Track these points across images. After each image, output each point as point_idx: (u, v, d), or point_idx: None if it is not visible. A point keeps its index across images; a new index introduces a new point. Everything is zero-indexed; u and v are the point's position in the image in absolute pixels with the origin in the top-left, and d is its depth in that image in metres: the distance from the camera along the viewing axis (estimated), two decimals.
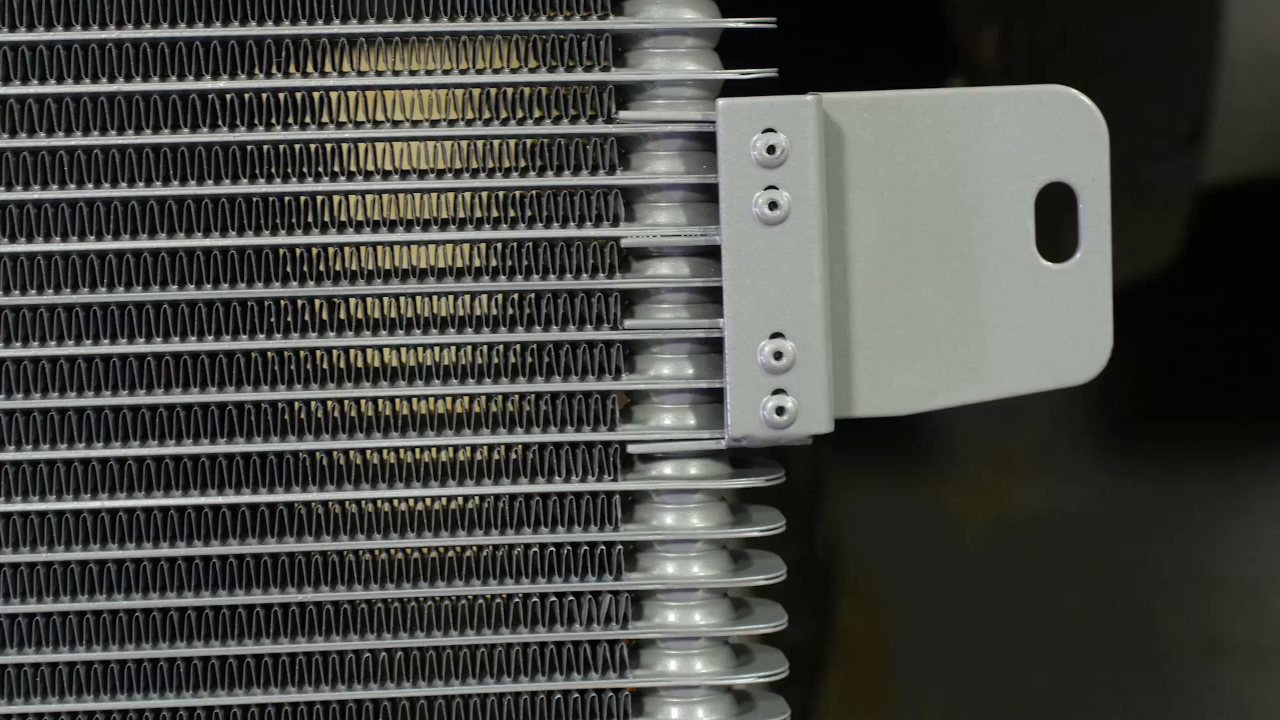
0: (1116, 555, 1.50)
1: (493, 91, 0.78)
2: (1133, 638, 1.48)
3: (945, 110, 0.80)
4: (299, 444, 0.78)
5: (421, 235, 0.78)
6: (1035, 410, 1.55)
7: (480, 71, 0.78)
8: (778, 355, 0.78)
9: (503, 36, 0.78)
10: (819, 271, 0.78)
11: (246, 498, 0.78)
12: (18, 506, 0.78)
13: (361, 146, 0.79)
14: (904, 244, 0.80)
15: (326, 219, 0.80)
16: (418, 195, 0.79)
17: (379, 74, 0.79)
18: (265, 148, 0.78)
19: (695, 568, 0.80)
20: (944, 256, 0.80)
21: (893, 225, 0.80)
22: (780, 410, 0.78)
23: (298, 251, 0.79)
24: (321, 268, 0.79)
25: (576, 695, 0.80)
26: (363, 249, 0.79)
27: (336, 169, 0.79)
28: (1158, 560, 1.51)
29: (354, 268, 0.79)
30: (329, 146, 0.79)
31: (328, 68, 0.79)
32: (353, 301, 0.79)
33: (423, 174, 0.79)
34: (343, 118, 0.79)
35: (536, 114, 0.78)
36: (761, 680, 0.81)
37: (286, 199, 0.79)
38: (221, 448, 0.78)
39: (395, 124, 0.79)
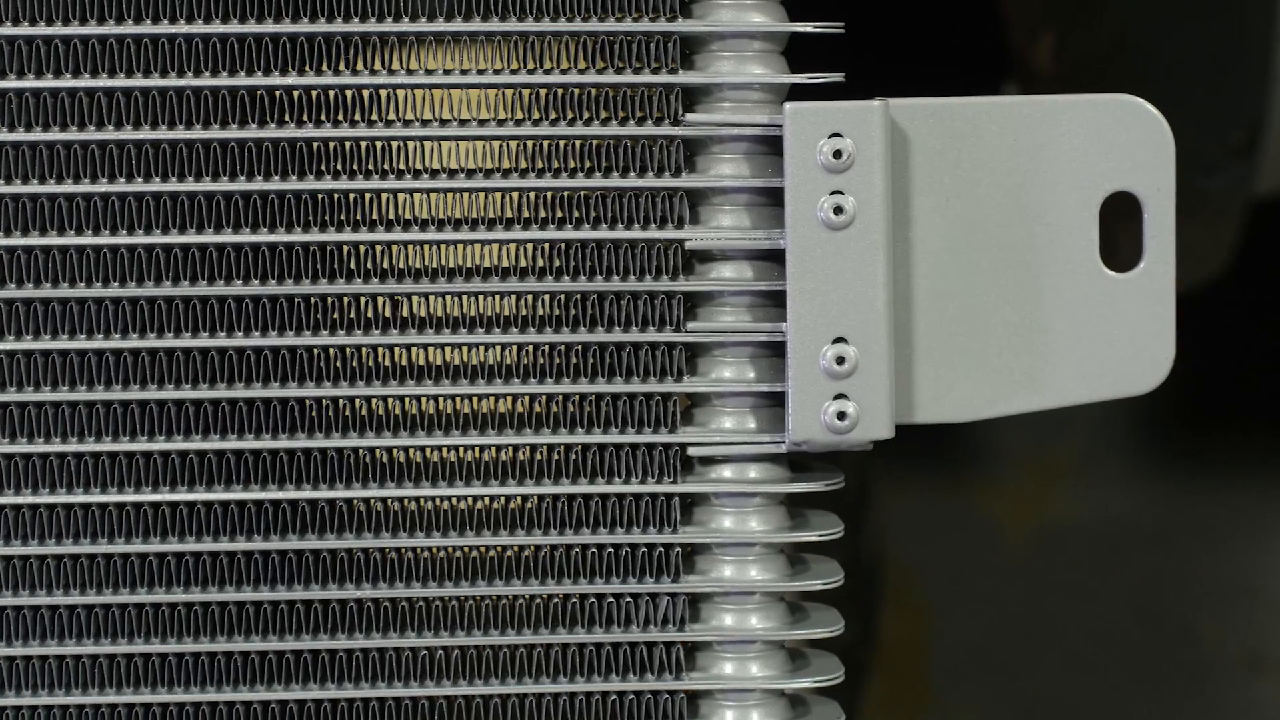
0: (1158, 565, 1.50)
1: (559, 92, 0.78)
2: (1173, 648, 1.47)
3: (1011, 117, 0.80)
4: (358, 440, 0.78)
5: (485, 235, 0.78)
6: (1080, 418, 1.55)
7: (548, 71, 0.78)
8: (840, 360, 0.78)
9: (571, 37, 0.78)
10: (883, 277, 0.78)
11: (306, 494, 0.78)
12: (78, 498, 0.78)
13: (428, 145, 0.79)
14: (967, 250, 0.80)
15: (391, 216, 0.80)
16: (482, 194, 0.79)
17: (446, 72, 0.78)
18: (332, 145, 0.78)
19: (752, 571, 0.80)
20: (1007, 264, 0.80)
21: (957, 232, 0.80)
22: (841, 415, 0.78)
23: (361, 249, 0.79)
24: (385, 265, 0.80)
25: (632, 697, 0.80)
26: (426, 247, 0.79)
27: (402, 166, 0.79)
28: (1199, 571, 1.50)
29: (417, 265, 0.80)
30: (394, 144, 0.79)
31: (395, 65, 0.79)
32: (415, 299, 0.79)
33: (488, 173, 0.79)
34: (408, 115, 0.79)
35: (603, 115, 0.78)
36: (817, 685, 0.81)
37: (352, 196, 0.79)
38: (282, 443, 0.78)
39: (462, 123, 0.79)
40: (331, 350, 0.79)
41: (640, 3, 0.78)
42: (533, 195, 0.79)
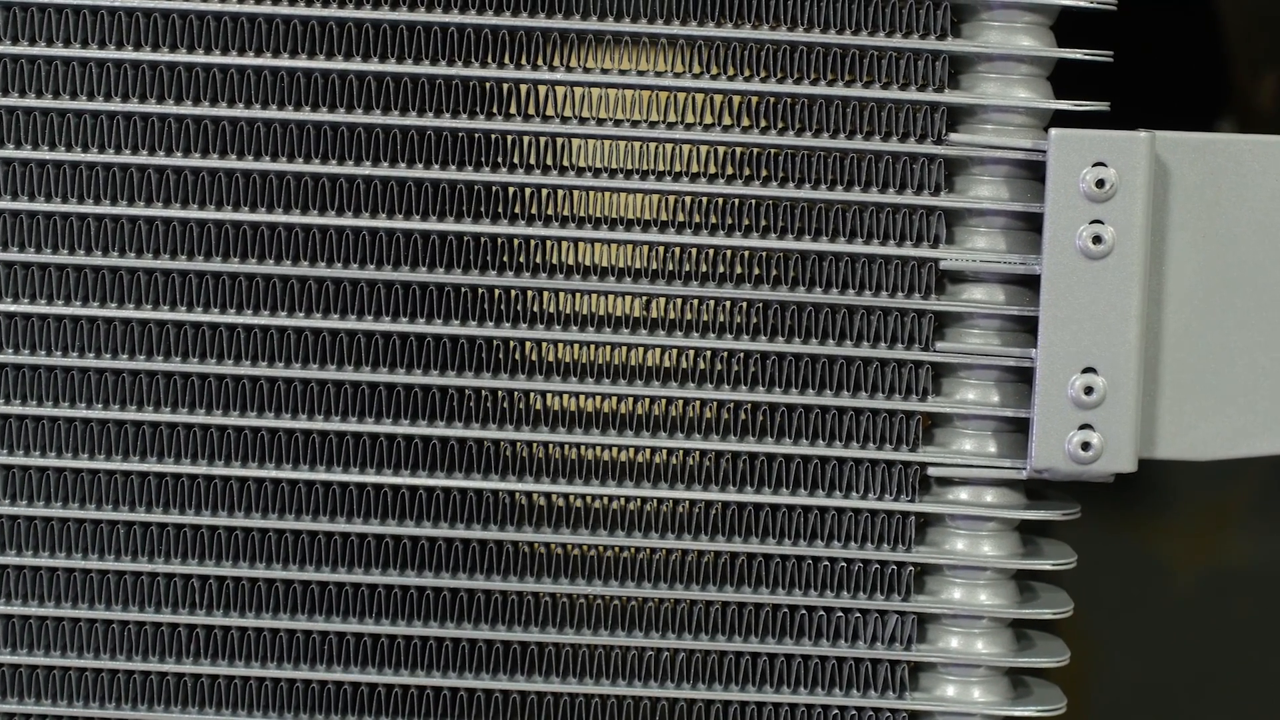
0: None
1: (809, 103, 0.78)
2: None
3: (1277, 157, 0.79)
4: (597, 438, 0.79)
5: (741, 241, 0.78)
6: (1255, 459, 1.52)
7: (814, 82, 0.78)
8: (1088, 390, 0.77)
9: (841, 50, 0.78)
10: (1137, 309, 0.77)
11: (562, 487, 0.79)
12: (236, 471, 0.79)
13: (685, 148, 0.79)
14: (1220, 288, 0.79)
15: (648, 216, 0.80)
16: (737, 200, 0.79)
17: (712, 77, 0.79)
18: (559, 141, 0.79)
19: (982, 595, 0.80)
20: (1260, 304, 0.79)
21: (1211, 268, 0.79)
22: (1086, 445, 0.77)
23: (613, 248, 0.79)
24: (637, 265, 0.80)
25: (854, 712, 0.80)
26: (677, 249, 0.79)
27: (661, 169, 0.79)
28: None
29: (637, 267, 0.79)
30: (653, 146, 0.79)
31: (643, 65, 0.79)
32: (662, 302, 0.79)
33: (747, 180, 0.79)
34: (671, 117, 0.79)
35: (866, 129, 0.78)
36: (1039, 714, 0.80)
37: (608, 195, 0.79)
38: (490, 433, 0.79)
39: (706, 127, 0.79)
40: (555, 344, 0.79)
41: (911, 21, 0.78)
42: (787, 205, 0.79)
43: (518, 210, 0.79)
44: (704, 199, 0.79)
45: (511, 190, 0.79)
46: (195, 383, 0.79)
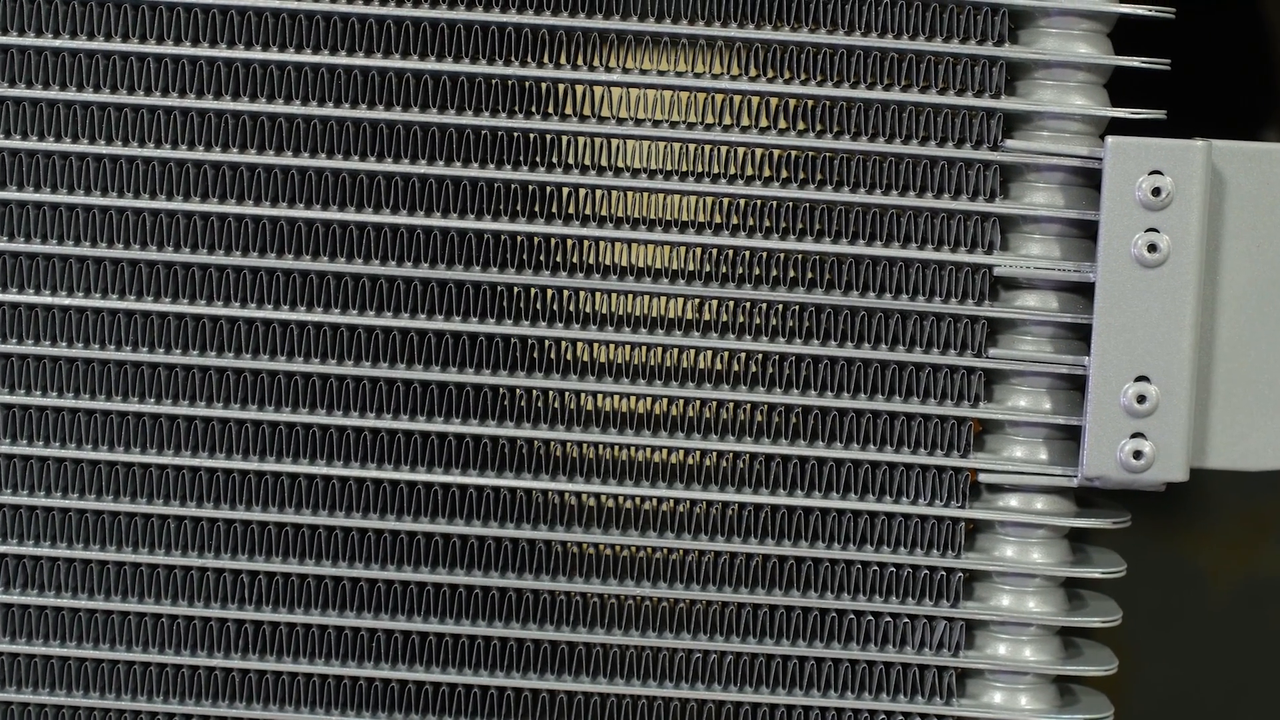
0: None
1: (865, 108, 0.78)
2: None
3: None
4: (662, 439, 0.79)
5: (794, 244, 0.78)
6: None
7: (870, 87, 0.78)
8: (1141, 399, 0.77)
9: (898, 54, 0.78)
10: (1191, 318, 0.77)
11: (610, 488, 0.79)
12: (316, 470, 0.79)
13: (741, 151, 0.79)
14: (1275, 297, 0.79)
15: (701, 219, 0.80)
16: (791, 203, 0.79)
17: (769, 80, 0.79)
18: (666, 145, 0.79)
19: (1030, 603, 0.80)
20: None
21: (1265, 278, 0.79)
22: (1138, 454, 0.77)
23: (664, 250, 0.80)
24: (690, 268, 0.80)
25: (901, 717, 0.80)
26: (730, 252, 0.79)
27: (716, 170, 0.79)
28: None
29: (724, 271, 0.79)
30: (707, 149, 0.79)
31: (699, 68, 0.79)
32: (714, 304, 0.79)
33: (802, 184, 0.79)
34: (727, 120, 0.79)
35: (923, 134, 0.78)
36: None
37: (664, 197, 0.79)
38: (543, 433, 0.79)
39: (762, 130, 0.79)
40: (606, 346, 0.79)
41: (969, 26, 0.77)
42: (842, 209, 0.79)
43: (571, 210, 0.79)
44: (758, 202, 0.79)
45: (566, 190, 0.79)
46: (248, 377, 0.79)
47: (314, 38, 0.78)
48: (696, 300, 0.79)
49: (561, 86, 0.78)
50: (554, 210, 0.79)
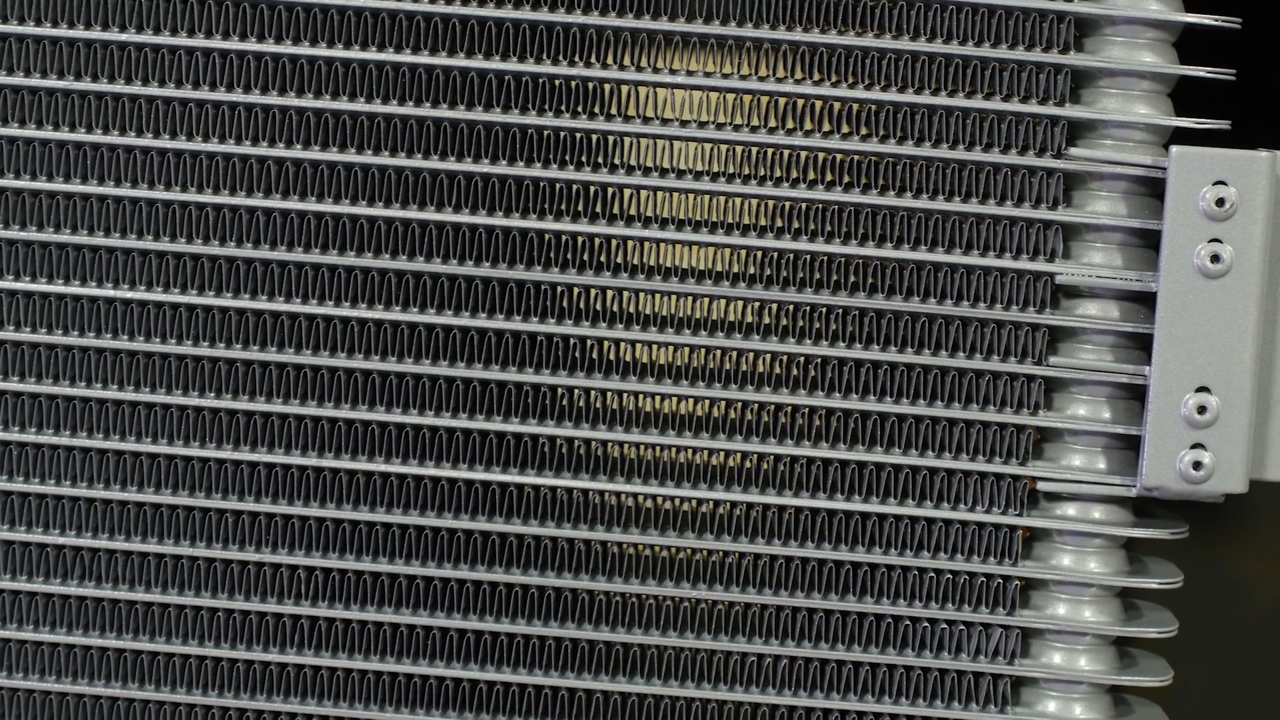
0: None
1: (929, 114, 0.78)
2: None
3: None
4: (738, 445, 0.79)
5: (856, 249, 0.78)
6: None
7: (935, 93, 0.78)
8: (1201, 409, 0.77)
9: (963, 61, 0.78)
10: (1253, 329, 0.77)
11: (670, 490, 0.79)
12: (343, 465, 0.79)
13: (786, 153, 0.79)
14: None
15: (763, 222, 0.80)
16: (853, 207, 0.79)
17: (833, 84, 0.78)
18: (721, 146, 0.79)
19: (1087, 612, 0.80)
20: None
21: None
22: (1197, 465, 0.77)
23: (726, 253, 0.80)
24: (735, 270, 0.80)
25: None
26: (791, 255, 0.79)
27: (778, 174, 0.79)
28: None
29: (785, 275, 0.79)
30: (769, 152, 0.79)
31: (763, 71, 0.79)
32: (775, 308, 0.79)
33: (865, 188, 0.79)
34: (771, 122, 0.79)
35: (986, 141, 0.78)
36: None
37: (722, 199, 0.79)
38: (583, 432, 0.79)
39: (824, 134, 0.79)
40: (665, 347, 0.79)
41: (1034, 34, 0.77)
42: (904, 214, 0.79)
43: (631, 212, 0.79)
44: (819, 206, 0.79)
45: (627, 192, 0.79)
46: (309, 373, 0.79)
47: (378, 36, 0.78)
48: (756, 304, 0.79)
49: (623, 88, 0.78)
50: (611, 211, 0.79)
